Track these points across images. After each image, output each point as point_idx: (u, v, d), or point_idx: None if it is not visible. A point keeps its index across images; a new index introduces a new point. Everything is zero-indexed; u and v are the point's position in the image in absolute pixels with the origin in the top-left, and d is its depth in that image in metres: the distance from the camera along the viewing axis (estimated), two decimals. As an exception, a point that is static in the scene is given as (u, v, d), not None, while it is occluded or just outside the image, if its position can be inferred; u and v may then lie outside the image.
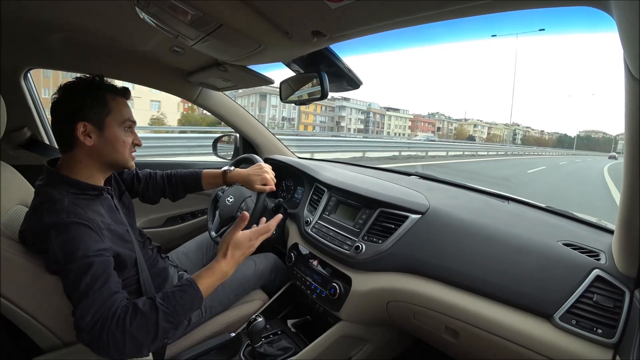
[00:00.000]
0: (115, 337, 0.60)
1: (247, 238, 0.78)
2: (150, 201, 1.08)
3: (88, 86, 0.76)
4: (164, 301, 0.66)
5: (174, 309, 0.66)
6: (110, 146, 0.77)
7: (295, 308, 1.23)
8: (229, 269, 0.76)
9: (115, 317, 0.62)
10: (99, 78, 0.78)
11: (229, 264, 0.76)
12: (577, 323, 0.65)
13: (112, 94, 0.78)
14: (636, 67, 0.40)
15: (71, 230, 0.65)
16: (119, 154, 0.79)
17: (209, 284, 0.72)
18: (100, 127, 0.76)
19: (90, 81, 0.77)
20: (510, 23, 0.65)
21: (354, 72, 0.97)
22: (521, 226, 0.86)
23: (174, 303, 0.67)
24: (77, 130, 0.73)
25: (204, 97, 1.54)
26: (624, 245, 0.61)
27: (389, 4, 0.55)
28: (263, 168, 1.10)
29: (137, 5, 0.73)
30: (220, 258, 0.76)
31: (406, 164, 9.30)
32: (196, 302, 0.70)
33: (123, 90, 0.81)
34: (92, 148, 0.75)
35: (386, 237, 0.96)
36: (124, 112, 0.79)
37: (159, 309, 0.64)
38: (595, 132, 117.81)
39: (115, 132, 0.78)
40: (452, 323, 0.82)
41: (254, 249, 0.80)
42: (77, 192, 0.73)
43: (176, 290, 0.69)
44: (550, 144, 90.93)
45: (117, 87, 0.80)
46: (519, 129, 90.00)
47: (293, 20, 0.69)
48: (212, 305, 1.04)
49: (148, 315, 0.64)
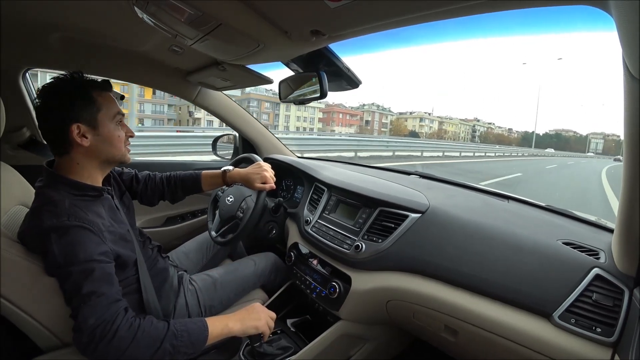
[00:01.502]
0: (120, 342, 0.61)
1: (266, 313, 0.85)
2: (148, 203, 1.08)
3: (72, 86, 0.74)
4: (176, 324, 0.69)
5: (181, 334, 0.68)
6: (106, 143, 0.77)
7: (295, 307, 1.23)
8: (236, 328, 0.78)
9: (118, 323, 0.62)
10: (79, 75, 0.76)
11: (238, 323, 0.79)
12: (576, 322, 0.65)
13: (98, 89, 0.76)
14: (635, 66, 0.40)
15: (72, 234, 0.65)
16: (116, 150, 0.79)
17: (217, 329, 0.74)
18: (94, 126, 0.74)
19: (71, 80, 0.75)
20: (510, 23, 0.65)
21: (352, 72, 0.97)
22: (521, 225, 0.86)
23: (183, 329, 0.69)
24: (71, 132, 0.72)
25: (203, 97, 1.54)
26: (624, 244, 0.62)
27: (388, 3, 0.55)
28: (262, 167, 1.10)
29: (136, 5, 0.73)
30: (238, 315, 0.81)
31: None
32: (201, 338, 0.71)
33: (105, 84, 0.79)
34: (88, 148, 0.74)
35: (386, 237, 0.96)
36: (112, 107, 0.78)
37: (170, 328, 0.67)
38: (565, 131, 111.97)
39: (109, 128, 0.77)
40: (452, 322, 0.82)
41: (261, 322, 0.82)
42: (77, 193, 0.73)
43: (188, 321, 0.72)
44: (515, 142, 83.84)
45: (99, 82, 0.78)
46: (479, 125, 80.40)
47: (292, 20, 0.69)
48: (212, 304, 1.04)
49: (160, 329, 0.66)
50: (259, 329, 0.81)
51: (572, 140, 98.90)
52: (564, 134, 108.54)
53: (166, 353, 0.65)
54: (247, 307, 0.85)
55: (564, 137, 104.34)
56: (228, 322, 0.77)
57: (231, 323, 0.77)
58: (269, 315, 0.86)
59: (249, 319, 0.81)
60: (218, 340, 0.75)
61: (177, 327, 0.68)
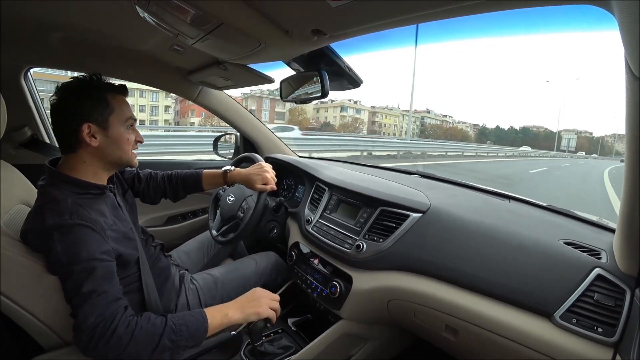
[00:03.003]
0: (119, 340, 0.61)
1: (267, 296, 0.83)
2: (150, 201, 1.08)
3: (88, 86, 0.76)
4: (173, 319, 0.69)
5: (179, 329, 0.68)
6: (114, 145, 0.78)
7: (296, 307, 1.23)
8: (236, 316, 0.77)
9: (117, 322, 0.62)
10: (97, 77, 0.78)
11: (237, 311, 0.78)
12: (577, 322, 0.65)
13: (113, 92, 0.78)
14: (637, 65, 0.40)
15: (74, 233, 0.65)
16: (124, 152, 0.80)
17: (217, 320, 0.74)
18: (105, 127, 0.76)
19: (89, 81, 0.77)
20: (510, 22, 0.65)
21: (354, 71, 0.97)
22: (522, 225, 0.86)
23: (181, 322, 0.69)
24: (82, 131, 0.73)
25: (204, 96, 1.54)
26: (625, 244, 0.61)
27: (389, 2, 0.55)
28: (264, 167, 1.10)
29: (137, 4, 0.73)
30: (238, 302, 0.81)
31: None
32: (201, 330, 0.71)
33: (122, 88, 0.81)
34: (96, 148, 0.75)
35: (387, 236, 0.96)
36: (125, 110, 0.79)
37: (168, 323, 0.67)
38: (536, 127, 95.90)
39: (119, 131, 0.78)
40: (453, 322, 0.82)
41: (262, 307, 0.80)
42: (80, 191, 0.73)
43: (187, 313, 0.72)
44: (472, 138, 68.56)
45: (115, 85, 0.80)
46: (430, 117, 62.77)
47: (293, 19, 0.69)
48: (213, 303, 1.04)
49: (157, 325, 0.66)
50: (261, 314, 0.80)
51: (541, 137, 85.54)
52: (534, 129, 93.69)
53: (165, 349, 0.66)
54: (247, 293, 0.83)
55: (532, 133, 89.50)
56: (227, 311, 0.77)
57: (231, 312, 0.77)
58: (271, 297, 0.84)
59: (248, 306, 0.80)
60: (219, 330, 0.75)
61: (175, 322, 0.68)
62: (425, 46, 12.71)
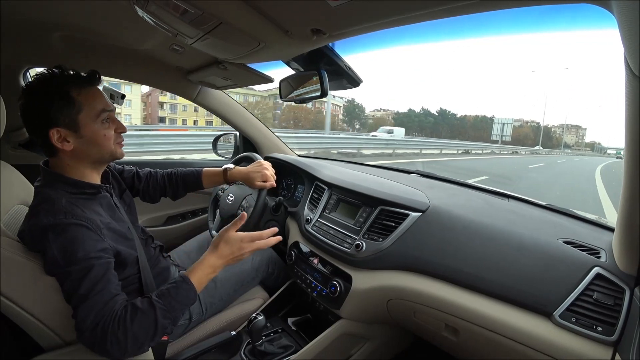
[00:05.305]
0: (117, 337, 0.61)
1: (238, 238, 0.77)
2: (150, 200, 1.08)
3: (49, 85, 0.69)
4: (159, 298, 0.67)
5: (170, 305, 0.67)
6: (91, 145, 0.73)
7: (295, 306, 1.23)
8: (218, 264, 0.75)
9: (116, 318, 0.62)
10: (58, 71, 0.70)
11: (219, 259, 0.75)
12: (577, 321, 0.65)
13: (77, 87, 0.70)
14: (636, 64, 0.40)
15: (69, 232, 0.65)
16: (104, 149, 0.75)
17: (200, 277, 0.72)
18: (75, 129, 0.70)
19: (50, 78, 0.69)
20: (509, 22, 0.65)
21: (353, 70, 0.97)
22: (521, 224, 0.86)
23: (170, 300, 0.67)
24: (51, 138, 0.68)
25: (204, 96, 1.54)
26: (625, 243, 0.61)
27: (388, 2, 0.55)
28: (263, 165, 1.10)
29: (136, 4, 0.72)
30: (211, 250, 0.76)
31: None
32: (191, 295, 0.70)
33: (89, 78, 0.72)
34: (73, 151, 0.71)
35: (387, 235, 0.96)
36: (95, 105, 0.72)
37: (156, 307, 0.65)
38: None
39: (92, 129, 0.72)
40: (453, 321, 0.82)
41: (245, 253, 0.77)
42: (74, 191, 0.72)
43: (170, 287, 0.70)
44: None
45: (81, 77, 0.72)
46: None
47: (293, 18, 0.69)
48: (212, 302, 1.05)
49: (147, 313, 0.64)
50: (245, 257, 0.77)
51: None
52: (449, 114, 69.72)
53: (166, 326, 0.66)
54: (222, 237, 0.76)
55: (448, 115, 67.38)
56: (207, 269, 0.73)
57: (212, 261, 0.74)
58: (247, 236, 0.77)
59: (226, 252, 0.76)
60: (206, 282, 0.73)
61: (163, 302, 0.66)
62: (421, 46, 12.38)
